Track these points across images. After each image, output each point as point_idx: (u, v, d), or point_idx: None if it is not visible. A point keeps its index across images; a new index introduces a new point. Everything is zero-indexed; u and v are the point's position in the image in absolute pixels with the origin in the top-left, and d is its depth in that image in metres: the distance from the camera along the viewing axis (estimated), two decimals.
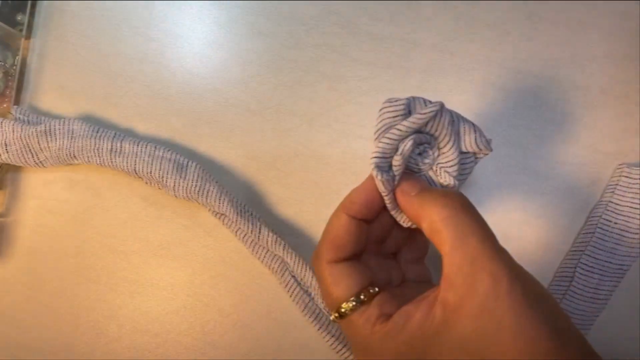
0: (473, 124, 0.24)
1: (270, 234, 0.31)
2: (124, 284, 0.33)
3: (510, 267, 0.20)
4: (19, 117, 0.33)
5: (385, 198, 0.24)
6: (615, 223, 0.30)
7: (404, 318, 0.21)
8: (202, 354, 0.32)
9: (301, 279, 0.31)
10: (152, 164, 0.31)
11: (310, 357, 0.31)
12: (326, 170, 0.33)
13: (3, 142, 0.32)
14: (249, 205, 0.32)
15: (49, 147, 0.32)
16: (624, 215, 0.30)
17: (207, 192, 0.31)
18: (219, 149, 0.33)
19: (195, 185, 0.31)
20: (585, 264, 0.30)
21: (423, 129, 0.24)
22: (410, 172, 0.25)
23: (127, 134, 0.33)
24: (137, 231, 0.33)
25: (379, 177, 0.23)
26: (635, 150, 0.31)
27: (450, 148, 0.24)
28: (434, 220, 0.21)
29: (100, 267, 0.33)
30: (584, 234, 0.31)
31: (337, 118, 0.33)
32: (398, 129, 0.23)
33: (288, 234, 0.32)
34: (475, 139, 0.24)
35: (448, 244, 0.20)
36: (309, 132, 0.33)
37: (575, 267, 0.30)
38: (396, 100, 0.23)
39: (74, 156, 0.32)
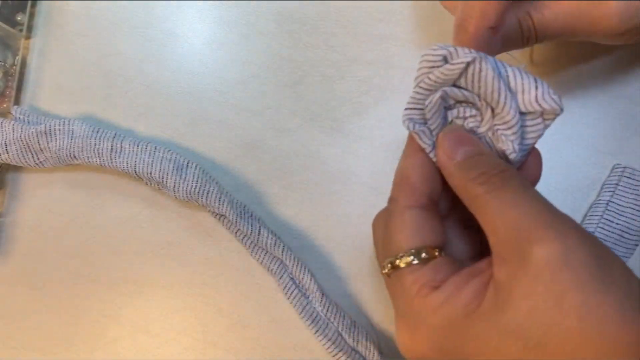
0: (535, 79, 0.20)
1: (270, 236, 0.31)
2: (124, 284, 0.33)
3: (565, 233, 0.17)
4: (19, 117, 0.33)
5: (431, 155, 0.21)
6: (617, 223, 0.30)
7: (451, 291, 0.19)
8: (202, 354, 0.32)
9: (299, 282, 0.31)
10: (152, 165, 0.31)
11: (309, 357, 0.31)
12: (326, 170, 0.33)
13: (3, 142, 0.32)
14: (248, 206, 0.32)
15: (49, 147, 0.32)
16: (625, 216, 0.30)
17: (207, 193, 0.31)
18: (219, 149, 0.33)
19: (195, 186, 0.31)
20: None
21: (461, 85, 0.21)
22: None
23: (127, 134, 0.33)
24: (137, 231, 0.33)
25: (411, 128, 0.21)
26: (636, 150, 0.31)
27: (504, 107, 0.20)
28: (476, 195, 0.19)
29: (100, 267, 0.33)
30: None
31: (337, 118, 0.33)
32: (428, 78, 0.21)
33: (288, 235, 0.32)
34: (537, 97, 0.20)
35: (491, 218, 0.18)
36: (309, 132, 0.33)
37: None
38: (436, 49, 0.21)
39: (74, 156, 0.32)
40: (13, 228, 0.34)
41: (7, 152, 0.32)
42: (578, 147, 0.32)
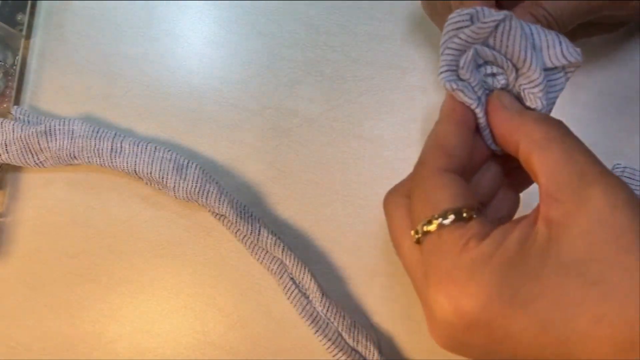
0: (557, 34, 0.21)
1: (270, 236, 0.31)
2: (124, 284, 0.33)
3: (624, 183, 0.18)
4: (19, 117, 0.33)
5: (477, 110, 0.22)
6: None
7: (501, 236, 0.18)
8: (202, 354, 0.32)
9: (299, 282, 0.31)
10: (152, 165, 0.31)
11: (309, 357, 0.31)
12: (326, 170, 0.33)
13: (3, 142, 0.32)
14: (248, 206, 0.32)
15: (49, 147, 0.32)
16: None
17: (207, 193, 0.31)
18: (219, 149, 0.33)
19: (195, 186, 0.31)
20: None
21: (490, 45, 0.22)
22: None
23: (127, 134, 0.33)
24: (137, 231, 0.33)
25: (454, 87, 0.21)
26: (636, 150, 0.31)
27: (530, 66, 0.21)
28: (536, 139, 0.20)
29: (100, 267, 0.33)
30: None
31: (337, 118, 0.33)
32: (458, 38, 0.21)
33: (288, 235, 0.32)
34: (562, 51, 0.21)
35: (553, 160, 0.19)
36: (309, 132, 0.33)
37: None
38: (461, 11, 0.21)
39: (74, 156, 0.32)
40: (13, 228, 0.34)
41: (7, 152, 0.32)
42: None
